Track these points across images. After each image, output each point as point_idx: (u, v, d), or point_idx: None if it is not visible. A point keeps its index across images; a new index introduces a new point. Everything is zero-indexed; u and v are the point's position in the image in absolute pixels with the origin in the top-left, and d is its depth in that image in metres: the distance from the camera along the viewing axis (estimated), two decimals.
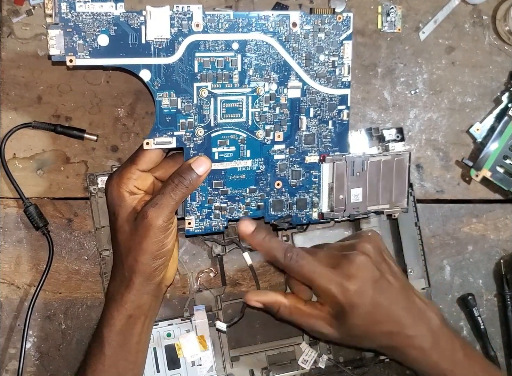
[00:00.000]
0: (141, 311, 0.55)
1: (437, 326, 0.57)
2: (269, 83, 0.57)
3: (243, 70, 0.56)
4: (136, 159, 0.55)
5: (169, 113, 0.55)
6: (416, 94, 0.68)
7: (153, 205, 0.53)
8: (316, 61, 0.58)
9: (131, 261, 0.54)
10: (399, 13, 0.66)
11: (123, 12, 0.52)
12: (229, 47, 0.55)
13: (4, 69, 0.60)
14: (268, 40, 0.56)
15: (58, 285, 0.62)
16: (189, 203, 0.57)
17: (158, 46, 0.53)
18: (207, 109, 0.56)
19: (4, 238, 0.61)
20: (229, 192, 0.59)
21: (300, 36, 0.57)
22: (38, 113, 0.60)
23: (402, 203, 0.63)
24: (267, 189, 0.60)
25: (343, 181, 0.61)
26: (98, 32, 0.52)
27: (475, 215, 0.70)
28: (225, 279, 0.64)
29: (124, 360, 0.55)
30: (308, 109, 0.59)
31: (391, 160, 0.61)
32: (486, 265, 0.70)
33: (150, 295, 0.55)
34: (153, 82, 0.54)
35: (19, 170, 0.60)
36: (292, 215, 0.61)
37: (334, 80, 0.59)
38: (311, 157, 0.60)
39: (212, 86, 0.56)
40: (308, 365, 0.63)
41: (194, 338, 0.61)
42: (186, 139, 0.56)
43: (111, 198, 0.55)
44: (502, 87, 0.69)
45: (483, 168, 0.67)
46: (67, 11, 0.51)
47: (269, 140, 0.59)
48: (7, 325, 0.61)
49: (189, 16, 0.54)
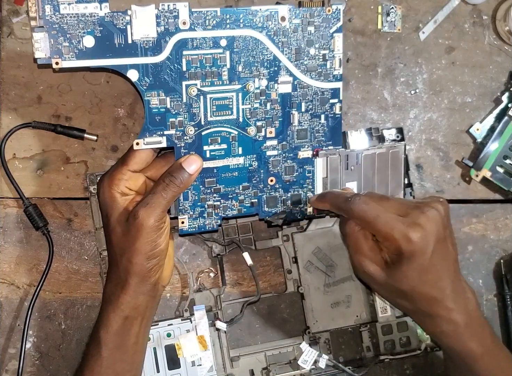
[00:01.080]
0: (137, 312, 0.55)
1: (473, 308, 0.57)
2: (259, 79, 0.57)
3: (232, 67, 0.56)
4: (127, 160, 0.55)
5: (158, 112, 0.55)
6: (416, 94, 0.68)
7: (144, 204, 0.53)
8: (306, 55, 0.58)
9: (125, 262, 0.53)
10: (399, 13, 0.66)
11: (108, 13, 0.51)
12: (217, 44, 0.55)
13: (4, 69, 0.60)
14: (256, 35, 0.56)
15: (58, 285, 0.62)
16: (182, 202, 0.57)
17: (145, 45, 0.53)
18: (197, 107, 0.56)
19: (4, 238, 0.61)
20: (222, 190, 0.58)
21: (289, 30, 0.57)
22: (38, 113, 0.60)
23: (399, 195, 0.62)
24: (260, 186, 0.59)
25: (338, 176, 0.60)
26: (83, 33, 0.51)
27: (475, 215, 0.70)
28: (225, 279, 0.64)
29: (122, 361, 0.55)
30: (300, 104, 0.59)
31: (386, 152, 0.61)
32: (486, 265, 0.70)
33: (146, 296, 0.55)
34: (141, 82, 0.54)
35: (19, 170, 0.60)
36: (287, 211, 0.60)
37: (325, 74, 0.59)
38: (304, 152, 0.60)
39: (201, 84, 0.55)
40: (308, 365, 0.63)
41: (194, 338, 0.61)
42: (176, 138, 0.56)
43: (103, 199, 0.55)
44: (502, 87, 0.69)
45: (483, 168, 0.67)
46: (51, 13, 0.50)
47: (261, 137, 0.58)
48: (7, 325, 0.61)
49: (175, 14, 0.53)
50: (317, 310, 0.64)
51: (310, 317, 0.64)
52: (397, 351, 0.66)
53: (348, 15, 0.65)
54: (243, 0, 0.63)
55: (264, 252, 0.65)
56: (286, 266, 0.64)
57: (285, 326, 0.65)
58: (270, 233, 0.65)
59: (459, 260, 0.69)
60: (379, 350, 0.66)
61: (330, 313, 0.65)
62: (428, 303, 0.55)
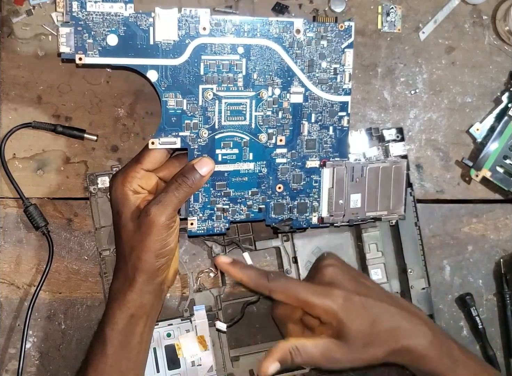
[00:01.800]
0: (143, 310, 0.55)
1: (431, 322, 0.57)
2: (273, 88, 0.58)
3: (247, 74, 0.57)
4: (141, 158, 0.55)
5: (174, 113, 0.55)
6: (416, 94, 0.68)
7: (156, 202, 0.53)
8: (318, 68, 0.59)
9: (135, 259, 0.54)
10: (399, 13, 0.66)
11: (132, 13, 0.53)
12: (235, 50, 0.56)
13: (4, 69, 0.59)
14: (272, 45, 0.57)
15: (58, 285, 0.62)
16: (192, 204, 0.58)
17: (166, 47, 0.54)
18: (212, 111, 0.57)
19: (4, 238, 0.61)
20: (232, 194, 0.59)
21: (303, 43, 0.58)
22: (38, 113, 0.60)
23: (400, 210, 0.63)
24: (268, 192, 0.60)
25: (343, 187, 0.61)
26: (107, 31, 0.52)
27: (475, 215, 0.70)
28: (225, 279, 0.64)
29: (126, 360, 0.55)
30: (310, 115, 0.60)
31: (389, 167, 0.62)
32: (486, 265, 0.70)
33: (152, 295, 0.55)
34: (160, 82, 0.55)
35: (19, 170, 0.60)
36: (293, 218, 0.61)
37: (335, 87, 0.60)
38: (312, 162, 0.61)
39: (217, 88, 0.56)
40: None
41: (194, 338, 0.61)
42: (190, 140, 0.56)
43: (115, 196, 0.55)
44: (502, 87, 0.69)
45: (483, 168, 0.67)
46: (78, 10, 0.52)
47: (271, 144, 0.59)
48: (7, 325, 0.61)
49: (197, 19, 0.54)
50: None
51: None
52: None
53: (348, 15, 0.65)
54: (243, 1, 0.63)
55: (264, 252, 0.65)
56: (286, 266, 0.64)
57: None
58: (270, 233, 0.65)
59: (459, 260, 0.70)
60: None
61: None
62: (391, 336, 0.55)
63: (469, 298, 0.68)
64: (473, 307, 0.68)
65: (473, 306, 0.68)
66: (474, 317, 0.68)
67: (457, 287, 0.70)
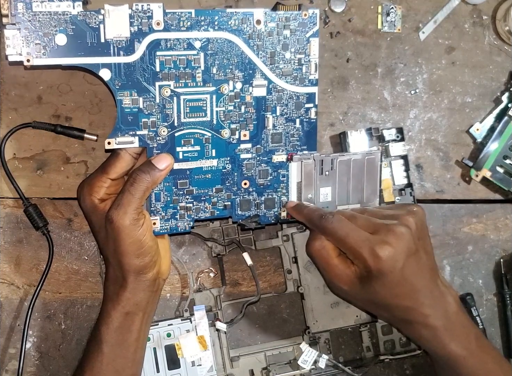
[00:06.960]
0: (138, 307, 0.55)
1: (454, 311, 0.57)
2: (234, 82, 0.57)
3: (206, 69, 0.56)
4: (107, 168, 0.55)
5: (130, 112, 0.55)
6: (416, 94, 0.68)
7: (115, 206, 0.53)
8: (281, 59, 0.58)
9: (118, 262, 0.54)
10: (399, 13, 0.66)
11: (80, 11, 0.52)
12: (192, 45, 0.55)
13: (4, 69, 0.59)
14: (231, 38, 0.56)
15: (58, 285, 0.62)
16: (154, 203, 0.57)
17: (118, 45, 0.53)
18: (170, 108, 0.56)
19: (4, 238, 0.61)
20: (195, 192, 0.58)
21: (264, 34, 0.57)
22: (38, 113, 0.60)
23: (374, 202, 0.63)
24: (234, 189, 0.59)
25: (312, 180, 0.60)
26: (55, 31, 0.51)
27: (475, 215, 0.70)
28: (225, 279, 0.64)
29: (122, 358, 0.55)
30: (275, 108, 0.59)
31: (362, 159, 0.61)
32: (486, 265, 0.70)
33: (146, 291, 0.55)
34: (113, 81, 0.54)
35: (19, 170, 0.60)
36: (260, 214, 0.61)
37: (300, 78, 0.59)
38: (278, 156, 0.60)
39: (175, 85, 0.55)
40: (308, 365, 0.63)
41: (194, 338, 0.61)
42: (149, 139, 0.56)
43: (84, 206, 0.56)
44: (502, 87, 0.69)
45: (483, 168, 0.67)
46: (23, 11, 0.51)
47: (235, 140, 0.58)
48: (7, 325, 0.61)
49: (149, 15, 0.53)
50: (317, 310, 0.64)
51: (310, 317, 0.64)
52: (397, 351, 0.66)
53: (348, 15, 0.65)
54: (243, 0, 0.63)
55: (264, 252, 0.65)
56: (286, 266, 0.64)
57: (285, 326, 0.65)
58: (270, 233, 0.65)
59: (459, 260, 0.70)
60: (379, 350, 0.66)
61: (330, 313, 0.65)
62: (403, 312, 0.57)
63: (469, 298, 0.68)
64: (473, 307, 0.68)
65: (473, 306, 0.68)
66: (475, 317, 0.68)
67: (457, 287, 0.70)
